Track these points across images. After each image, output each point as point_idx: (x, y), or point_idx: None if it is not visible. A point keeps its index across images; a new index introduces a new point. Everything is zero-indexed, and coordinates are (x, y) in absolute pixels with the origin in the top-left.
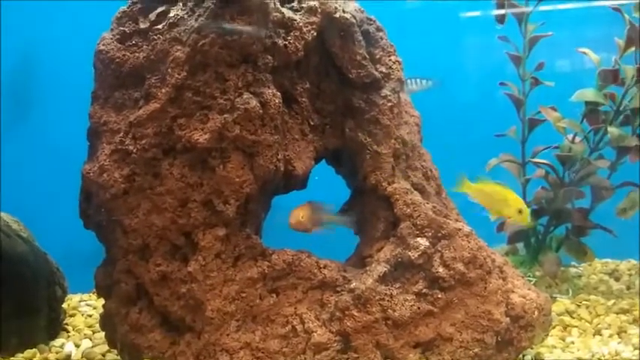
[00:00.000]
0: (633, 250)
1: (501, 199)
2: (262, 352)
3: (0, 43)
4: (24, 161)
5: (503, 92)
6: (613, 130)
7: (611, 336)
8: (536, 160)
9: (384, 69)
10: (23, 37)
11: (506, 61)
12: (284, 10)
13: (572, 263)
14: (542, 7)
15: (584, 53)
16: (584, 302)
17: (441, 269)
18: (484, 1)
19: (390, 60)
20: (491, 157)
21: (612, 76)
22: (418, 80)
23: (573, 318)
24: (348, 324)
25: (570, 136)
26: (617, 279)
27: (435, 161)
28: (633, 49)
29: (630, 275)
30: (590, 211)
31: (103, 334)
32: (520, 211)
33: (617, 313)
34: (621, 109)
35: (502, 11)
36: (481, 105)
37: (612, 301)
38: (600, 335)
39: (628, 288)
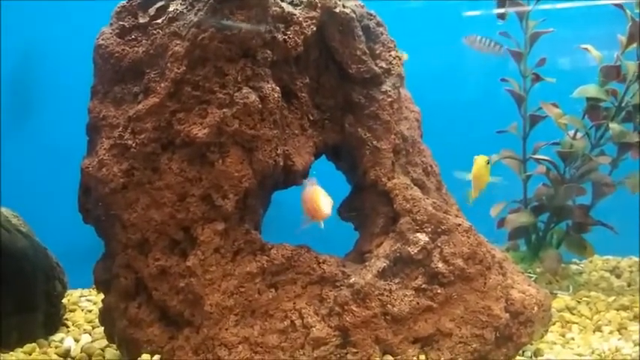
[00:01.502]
0: (634, 246)
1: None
2: (261, 347)
3: (0, 42)
4: (24, 157)
5: (504, 89)
6: (614, 127)
7: (611, 332)
8: (537, 156)
9: (384, 64)
10: (23, 36)
11: (508, 58)
12: (283, 4)
13: (574, 260)
14: (543, 6)
15: (586, 50)
16: (584, 299)
17: (440, 265)
18: (486, 1)
19: (390, 55)
20: (493, 153)
21: (614, 73)
22: (489, 42)
23: (573, 314)
24: (347, 319)
25: (571, 133)
26: (617, 276)
27: (435, 157)
28: (635, 45)
29: (631, 272)
30: (591, 207)
31: (102, 329)
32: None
33: (618, 310)
34: (623, 105)
35: (503, 10)
36: (482, 101)
37: (613, 298)
38: (600, 332)
39: (629, 285)
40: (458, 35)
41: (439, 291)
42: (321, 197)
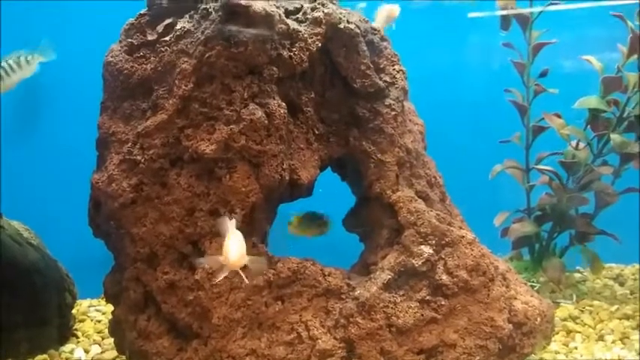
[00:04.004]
0: (637, 254)
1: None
2: (268, 359)
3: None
4: (34, 169)
5: (507, 99)
6: (615, 137)
7: (614, 342)
8: (540, 166)
9: (388, 78)
10: (32, 44)
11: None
12: (289, 21)
13: (577, 268)
14: (548, 8)
15: (588, 61)
16: (587, 308)
17: (444, 277)
18: (491, 2)
19: (393, 69)
20: (496, 162)
21: (616, 84)
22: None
23: (577, 323)
24: (353, 331)
25: (574, 143)
26: (621, 284)
27: (438, 165)
28: (636, 56)
29: (635, 280)
30: (593, 217)
31: (112, 339)
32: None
33: (621, 319)
34: (624, 115)
35: (505, 12)
36: (486, 103)
37: (616, 307)
38: (603, 341)
39: (632, 293)
40: (462, 37)
41: (443, 303)
42: (230, 244)
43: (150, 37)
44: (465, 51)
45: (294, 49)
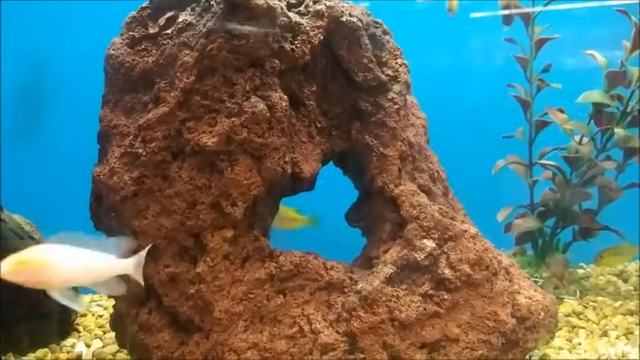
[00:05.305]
0: None
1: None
2: (270, 353)
3: (1, 47)
4: (35, 162)
5: (510, 95)
6: (619, 132)
7: (617, 337)
8: (543, 161)
9: (390, 72)
10: (33, 42)
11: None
12: (291, 14)
13: (580, 264)
14: (548, 7)
15: (592, 55)
16: (591, 303)
17: (447, 271)
18: (494, 1)
19: (396, 63)
20: (499, 158)
21: (620, 79)
22: None
23: (580, 319)
24: (355, 325)
25: (577, 138)
26: (625, 280)
27: (441, 161)
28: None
29: (638, 276)
30: (597, 212)
31: (113, 334)
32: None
33: (624, 315)
34: (628, 110)
35: (507, 11)
36: (489, 103)
37: (619, 303)
38: (607, 337)
39: (635, 289)
40: (464, 37)
41: (446, 297)
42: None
43: (151, 30)
44: (467, 48)
45: (296, 42)
